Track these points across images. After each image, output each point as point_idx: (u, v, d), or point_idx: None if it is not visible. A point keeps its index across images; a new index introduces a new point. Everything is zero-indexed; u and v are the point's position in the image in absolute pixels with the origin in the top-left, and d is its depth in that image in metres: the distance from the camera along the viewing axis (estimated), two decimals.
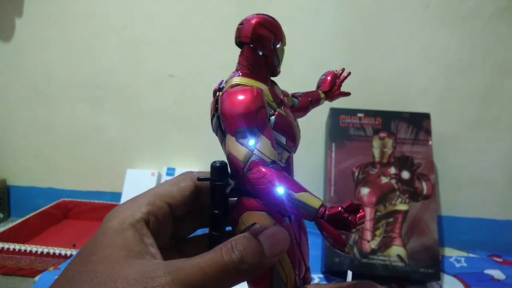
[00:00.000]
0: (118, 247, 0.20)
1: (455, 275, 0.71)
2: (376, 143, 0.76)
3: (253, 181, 0.22)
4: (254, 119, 0.22)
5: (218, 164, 0.25)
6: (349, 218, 0.20)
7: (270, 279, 0.23)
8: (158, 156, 0.96)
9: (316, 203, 0.21)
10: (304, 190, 0.22)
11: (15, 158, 1.01)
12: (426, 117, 0.77)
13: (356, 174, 0.74)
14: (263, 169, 0.22)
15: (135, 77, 0.93)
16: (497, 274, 0.72)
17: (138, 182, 0.93)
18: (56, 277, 0.21)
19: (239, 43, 0.26)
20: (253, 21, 0.25)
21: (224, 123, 0.23)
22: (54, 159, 1.00)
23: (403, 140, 0.76)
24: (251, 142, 0.22)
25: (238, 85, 0.24)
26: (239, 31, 0.25)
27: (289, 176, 0.22)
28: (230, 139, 0.23)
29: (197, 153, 0.95)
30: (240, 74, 0.25)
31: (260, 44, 0.25)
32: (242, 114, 0.22)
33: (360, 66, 0.86)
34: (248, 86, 0.24)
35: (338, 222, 0.20)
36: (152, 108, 0.94)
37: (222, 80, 0.26)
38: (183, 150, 0.96)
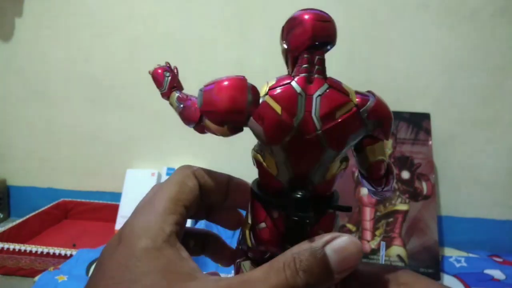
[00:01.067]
0: (165, 271, 0.18)
1: (455, 275, 0.71)
2: None
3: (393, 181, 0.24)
4: None
5: (301, 195, 0.20)
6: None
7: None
8: (158, 156, 0.96)
9: None
10: None
11: (15, 158, 1.01)
12: (426, 117, 0.77)
13: (356, 174, 0.74)
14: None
15: (135, 77, 0.93)
16: (497, 274, 0.72)
17: (138, 182, 0.92)
18: (56, 277, 0.20)
19: (324, 43, 0.20)
20: (332, 19, 0.20)
21: (388, 129, 0.22)
22: (54, 159, 1.00)
23: (403, 140, 0.76)
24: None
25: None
26: (326, 29, 0.20)
27: None
28: (386, 145, 0.22)
29: (197, 153, 0.95)
30: (326, 78, 0.21)
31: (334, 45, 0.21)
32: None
33: (360, 66, 0.85)
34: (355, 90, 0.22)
35: None
36: (152, 108, 0.94)
37: (369, 95, 0.21)
38: (183, 150, 0.96)
